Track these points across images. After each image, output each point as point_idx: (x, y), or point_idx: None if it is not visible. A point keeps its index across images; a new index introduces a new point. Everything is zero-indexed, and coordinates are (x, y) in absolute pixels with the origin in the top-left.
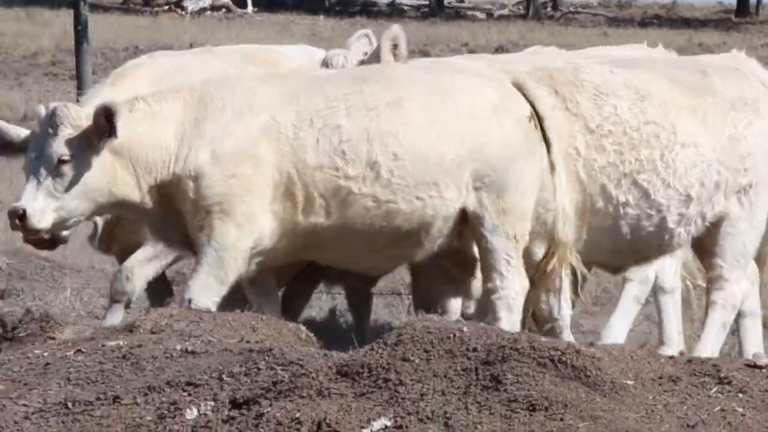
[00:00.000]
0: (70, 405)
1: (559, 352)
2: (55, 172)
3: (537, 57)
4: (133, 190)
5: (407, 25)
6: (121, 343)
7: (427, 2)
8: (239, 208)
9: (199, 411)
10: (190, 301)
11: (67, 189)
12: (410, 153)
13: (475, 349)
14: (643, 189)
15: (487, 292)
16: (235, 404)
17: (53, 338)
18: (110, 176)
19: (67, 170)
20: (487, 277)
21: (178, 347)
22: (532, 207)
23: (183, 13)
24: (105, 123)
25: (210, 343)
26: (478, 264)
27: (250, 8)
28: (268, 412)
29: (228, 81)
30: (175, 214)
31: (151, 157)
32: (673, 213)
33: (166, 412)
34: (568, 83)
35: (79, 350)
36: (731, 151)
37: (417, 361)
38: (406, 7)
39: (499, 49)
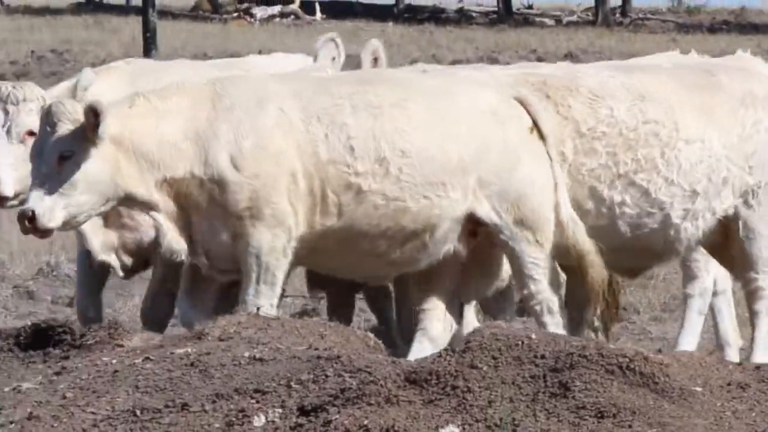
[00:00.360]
0: (138, 412)
1: (628, 359)
2: (59, 169)
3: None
4: (138, 184)
5: (475, 31)
6: (189, 350)
7: (495, 8)
8: (267, 210)
9: (267, 418)
10: (259, 308)
11: (74, 185)
12: (417, 151)
13: (543, 356)
14: (642, 188)
15: (525, 300)
16: (303, 411)
17: (121, 346)
18: (114, 168)
19: (71, 166)
20: (520, 285)
21: (247, 354)
22: (550, 211)
23: (252, 20)
24: (94, 121)
25: (278, 351)
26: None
27: (318, 15)
28: (336, 419)
29: (234, 79)
30: (184, 211)
31: (156, 151)
32: (677, 209)
33: (234, 419)
34: (562, 88)
35: (148, 358)
36: (739, 148)
37: (485, 368)
38: (474, 14)
39: (568, 56)
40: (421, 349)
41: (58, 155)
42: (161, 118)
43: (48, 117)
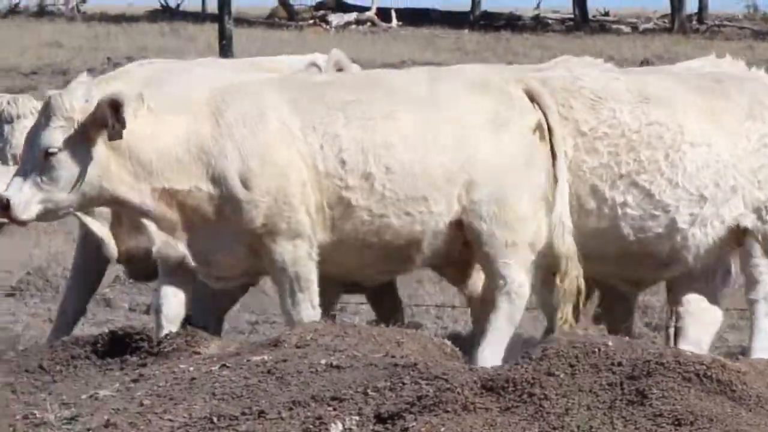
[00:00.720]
0: (215, 419)
1: (705, 367)
2: (43, 164)
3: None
4: (129, 190)
5: (552, 38)
6: (266, 357)
7: (571, 15)
8: (283, 225)
9: (344, 425)
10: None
11: (55, 181)
12: (402, 165)
13: (620, 364)
14: (645, 189)
15: (492, 292)
16: (379, 419)
17: (198, 353)
18: (103, 171)
19: (55, 163)
20: (490, 283)
21: (323, 362)
22: (534, 215)
23: (328, 27)
24: (109, 114)
25: (355, 358)
26: None
27: (394, 22)
28: (413, 426)
29: (233, 90)
30: (187, 220)
31: (155, 161)
32: (683, 213)
33: (311, 426)
34: (562, 89)
35: (225, 365)
36: (745, 161)
37: (562, 375)
38: (550, 21)
39: (644, 63)
40: (483, 358)
41: (45, 149)
42: (163, 129)
43: (45, 109)
